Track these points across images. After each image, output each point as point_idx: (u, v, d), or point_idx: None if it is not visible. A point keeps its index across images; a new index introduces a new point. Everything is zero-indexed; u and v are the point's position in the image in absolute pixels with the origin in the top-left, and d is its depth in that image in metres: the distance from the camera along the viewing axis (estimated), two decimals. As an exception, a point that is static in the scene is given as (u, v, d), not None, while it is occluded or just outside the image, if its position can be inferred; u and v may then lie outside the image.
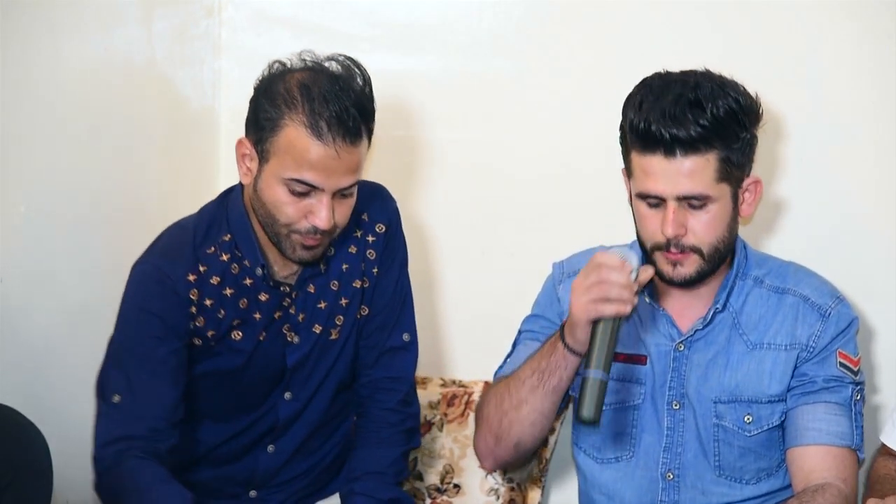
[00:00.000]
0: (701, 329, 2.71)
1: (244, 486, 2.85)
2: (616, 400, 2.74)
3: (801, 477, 2.65)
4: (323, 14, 3.20)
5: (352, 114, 2.60)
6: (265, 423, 2.81)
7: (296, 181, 2.61)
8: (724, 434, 2.70)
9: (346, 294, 2.80)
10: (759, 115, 2.65)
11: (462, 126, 3.19)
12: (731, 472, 2.71)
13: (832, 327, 2.69)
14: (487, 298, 3.18)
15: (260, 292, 2.74)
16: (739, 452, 2.70)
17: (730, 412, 2.69)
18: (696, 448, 2.71)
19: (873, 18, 3.00)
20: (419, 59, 3.21)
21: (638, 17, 3.11)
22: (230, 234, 2.74)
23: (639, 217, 2.66)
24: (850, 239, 3.05)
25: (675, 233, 2.60)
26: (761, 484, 2.72)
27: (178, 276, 2.71)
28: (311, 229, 2.64)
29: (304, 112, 2.59)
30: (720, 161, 2.59)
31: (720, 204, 2.62)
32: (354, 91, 2.64)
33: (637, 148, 2.61)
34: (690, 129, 2.56)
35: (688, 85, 2.60)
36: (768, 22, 3.06)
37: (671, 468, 2.71)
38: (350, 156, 2.61)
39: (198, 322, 2.72)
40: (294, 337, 2.78)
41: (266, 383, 2.79)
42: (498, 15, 3.17)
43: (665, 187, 2.59)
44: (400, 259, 2.87)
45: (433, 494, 3.02)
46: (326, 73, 2.65)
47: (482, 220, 3.19)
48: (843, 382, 2.68)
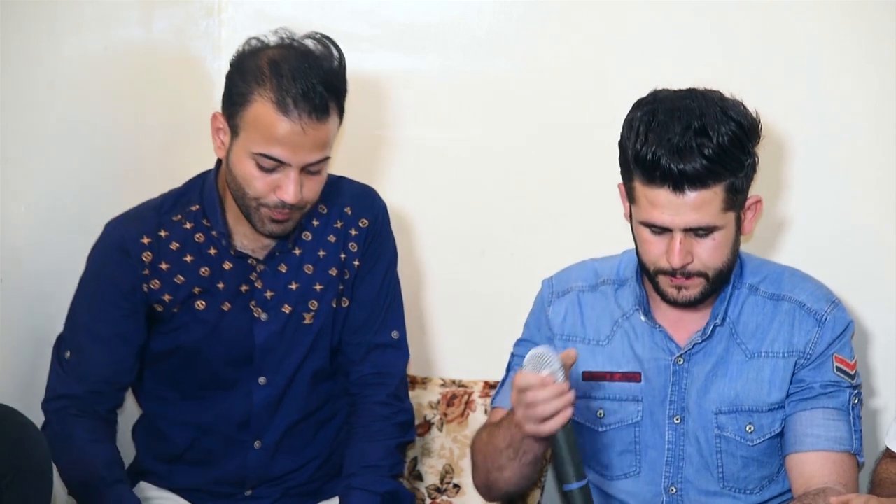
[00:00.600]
0: (700, 342, 2.69)
1: (238, 486, 2.85)
2: (615, 420, 2.72)
3: (801, 483, 2.63)
4: (323, 14, 3.20)
5: (319, 91, 2.66)
6: (240, 409, 2.82)
7: (263, 156, 2.68)
8: (726, 445, 2.69)
9: (322, 280, 2.83)
10: (759, 134, 2.61)
11: (462, 126, 3.19)
12: (734, 483, 2.70)
13: (828, 333, 2.68)
14: (487, 298, 3.17)
15: (224, 261, 2.80)
16: (743, 463, 2.69)
17: (731, 423, 2.68)
18: (699, 461, 2.69)
19: (873, 18, 3.00)
20: (419, 59, 3.21)
21: (638, 18, 3.10)
22: (199, 205, 2.82)
23: (641, 241, 2.63)
24: (849, 242, 3.04)
25: (682, 263, 2.58)
26: (764, 492, 2.71)
27: (131, 237, 2.79)
28: (278, 203, 2.70)
29: (272, 88, 2.65)
30: (727, 192, 2.55)
31: (726, 230, 2.59)
32: (323, 68, 2.69)
33: (642, 179, 2.56)
34: (698, 163, 2.51)
35: (693, 114, 2.54)
36: (768, 21, 3.06)
37: (673, 482, 2.70)
38: (317, 132, 2.67)
39: (152, 285, 2.78)
40: (262, 314, 2.81)
41: (236, 363, 2.81)
42: (498, 15, 3.17)
43: (672, 219, 2.56)
44: (388, 258, 2.91)
45: (433, 494, 3.02)
46: (298, 51, 2.71)
47: (482, 221, 3.19)
48: (841, 387, 2.67)
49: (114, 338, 2.79)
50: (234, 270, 2.81)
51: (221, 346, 2.80)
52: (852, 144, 3.03)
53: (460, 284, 3.20)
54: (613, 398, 2.72)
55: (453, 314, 3.19)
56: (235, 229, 2.80)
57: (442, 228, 3.21)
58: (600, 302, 2.75)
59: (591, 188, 3.09)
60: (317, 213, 2.86)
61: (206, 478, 2.85)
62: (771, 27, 3.06)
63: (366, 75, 3.16)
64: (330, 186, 2.85)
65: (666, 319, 2.71)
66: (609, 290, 2.76)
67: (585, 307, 2.76)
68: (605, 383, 2.71)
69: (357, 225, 2.88)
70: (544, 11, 3.16)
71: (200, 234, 2.82)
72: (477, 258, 3.20)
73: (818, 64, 3.04)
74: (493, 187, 3.18)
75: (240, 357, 2.81)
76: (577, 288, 2.78)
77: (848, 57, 3.02)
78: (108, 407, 2.82)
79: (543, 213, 3.15)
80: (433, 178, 3.21)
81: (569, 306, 2.77)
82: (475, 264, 3.20)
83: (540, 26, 3.16)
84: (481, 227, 3.19)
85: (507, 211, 3.17)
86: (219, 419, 2.83)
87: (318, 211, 2.86)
